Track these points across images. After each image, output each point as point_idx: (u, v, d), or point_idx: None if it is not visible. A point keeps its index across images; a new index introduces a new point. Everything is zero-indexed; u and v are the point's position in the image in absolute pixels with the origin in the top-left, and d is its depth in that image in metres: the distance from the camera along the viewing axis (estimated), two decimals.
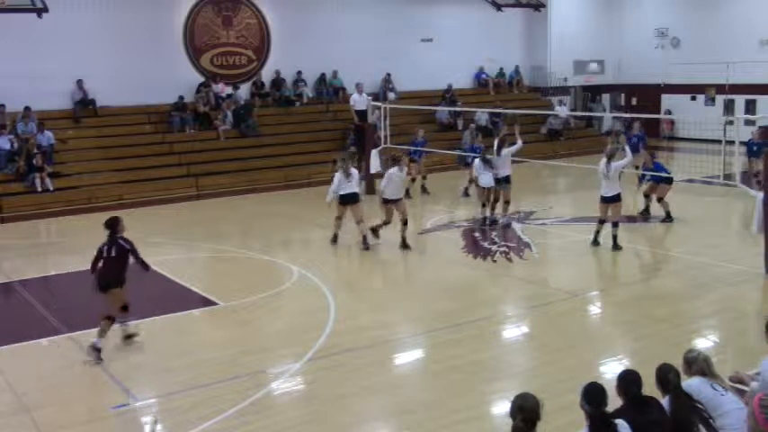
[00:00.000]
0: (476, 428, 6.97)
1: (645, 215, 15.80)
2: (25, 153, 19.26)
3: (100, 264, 9.05)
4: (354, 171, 14.01)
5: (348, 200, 13.62)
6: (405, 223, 13.63)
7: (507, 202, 15.55)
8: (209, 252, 14.08)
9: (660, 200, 15.41)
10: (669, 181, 15.50)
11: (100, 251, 9.07)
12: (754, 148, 18.97)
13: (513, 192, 15.85)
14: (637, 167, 20.06)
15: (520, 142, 15.33)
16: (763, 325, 6.08)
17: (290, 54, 24.92)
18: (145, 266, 9.21)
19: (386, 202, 13.73)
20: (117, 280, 8.98)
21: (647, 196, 15.87)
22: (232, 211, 18.37)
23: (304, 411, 7.40)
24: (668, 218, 15.32)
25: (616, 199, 12.91)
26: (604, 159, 12.90)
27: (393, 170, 13.59)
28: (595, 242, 13.25)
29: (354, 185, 13.77)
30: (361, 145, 20.52)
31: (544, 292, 11.04)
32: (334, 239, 14.05)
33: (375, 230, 13.98)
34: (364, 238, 13.60)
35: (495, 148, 15.54)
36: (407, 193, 17.40)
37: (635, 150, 20.10)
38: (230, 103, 23.31)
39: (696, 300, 10.62)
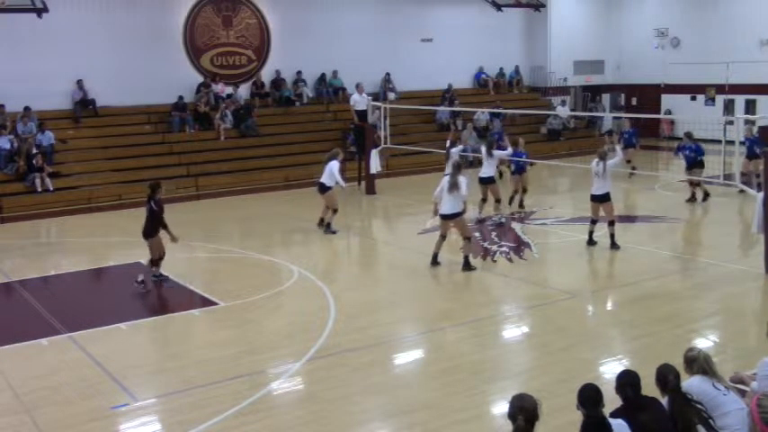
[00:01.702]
0: (476, 428, 6.97)
1: (705, 198, 16.95)
2: (25, 153, 19.26)
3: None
4: (330, 164, 14.91)
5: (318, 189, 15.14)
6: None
7: (498, 201, 16.06)
8: (209, 252, 14.08)
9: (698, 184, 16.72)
10: (701, 165, 16.88)
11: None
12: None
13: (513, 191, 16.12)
14: (629, 161, 20.23)
15: (510, 149, 16.49)
16: (765, 324, 6.07)
17: (290, 54, 24.92)
18: (169, 233, 11.58)
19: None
20: (145, 233, 11.50)
21: (697, 185, 16.89)
22: (232, 211, 18.37)
23: (304, 411, 7.40)
24: (706, 196, 16.85)
25: (606, 198, 12.92)
26: (597, 159, 12.94)
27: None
28: (591, 242, 13.26)
29: (324, 177, 14.90)
30: (361, 145, 20.53)
31: (544, 292, 11.04)
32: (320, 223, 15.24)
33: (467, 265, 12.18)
34: (323, 222, 15.09)
35: (485, 148, 15.90)
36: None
37: (630, 144, 20.47)
38: (230, 103, 23.32)
39: (696, 300, 10.62)
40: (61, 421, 7.21)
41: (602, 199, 12.94)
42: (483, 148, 16.11)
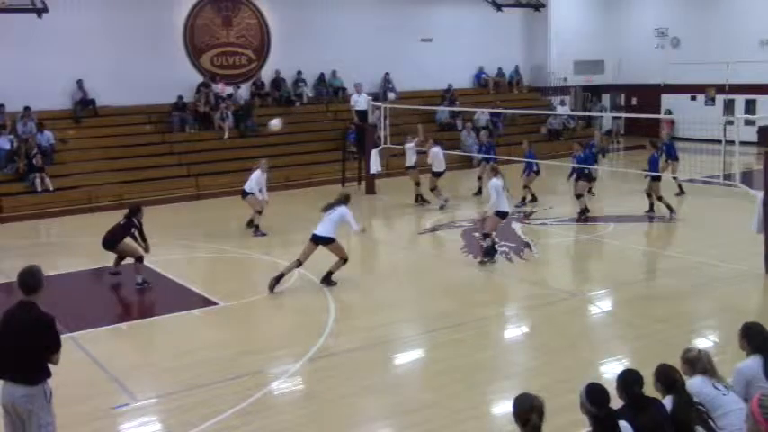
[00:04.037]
0: (476, 428, 6.97)
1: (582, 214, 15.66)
2: (25, 153, 19.26)
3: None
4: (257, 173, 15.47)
5: None
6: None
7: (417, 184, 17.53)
8: (209, 252, 14.08)
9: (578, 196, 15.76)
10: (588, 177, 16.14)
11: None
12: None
13: (511, 191, 16.17)
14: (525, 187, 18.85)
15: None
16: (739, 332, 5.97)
17: (290, 54, 24.92)
18: (145, 244, 11.65)
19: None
20: (112, 244, 11.62)
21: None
22: (232, 211, 18.35)
23: (304, 411, 7.40)
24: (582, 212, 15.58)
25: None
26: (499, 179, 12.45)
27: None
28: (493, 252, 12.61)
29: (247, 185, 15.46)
30: (361, 145, 20.53)
31: (544, 292, 11.04)
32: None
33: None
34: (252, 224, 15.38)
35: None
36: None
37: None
38: (230, 104, 23.32)
39: (696, 300, 10.62)
40: (61, 421, 7.17)
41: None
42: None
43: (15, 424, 5.56)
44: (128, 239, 11.61)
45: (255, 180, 15.23)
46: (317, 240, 11.24)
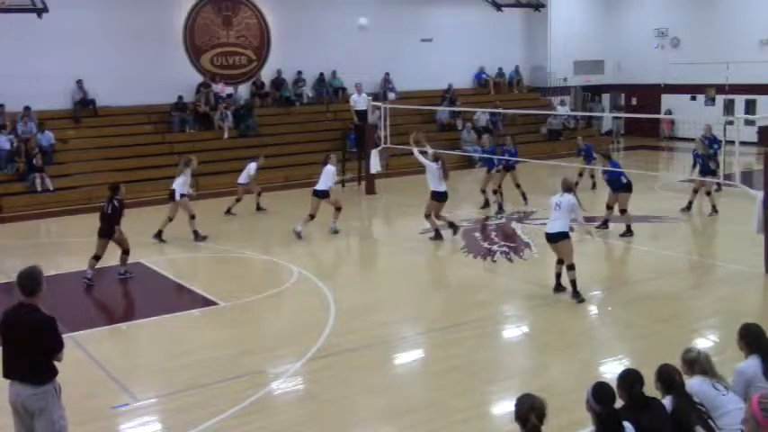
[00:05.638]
0: (476, 428, 6.97)
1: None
2: (25, 153, 19.27)
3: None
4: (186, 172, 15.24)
5: None
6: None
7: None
8: (209, 252, 14.08)
9: (623, 211, 14.08)
10: (628, 188, 14.17)
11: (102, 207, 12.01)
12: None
13: (510, 190, 16.07)
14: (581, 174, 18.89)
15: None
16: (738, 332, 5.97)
17: (290, 54, 24.93)
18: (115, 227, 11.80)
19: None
20: (109, 232, 11.75)
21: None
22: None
23: (304, 411, 7.40)
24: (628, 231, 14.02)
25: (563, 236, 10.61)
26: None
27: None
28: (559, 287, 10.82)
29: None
30: (361, 145, 20.53)
31: (544, 292, 11.02)
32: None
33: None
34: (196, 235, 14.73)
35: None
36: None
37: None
38: (230, 104, 23.33)
39: (696, 300, 10.62)
40: None
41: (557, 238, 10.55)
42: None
43: (24, 421, 5.56)
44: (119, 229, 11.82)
45: (184, 179, 14.99)
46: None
